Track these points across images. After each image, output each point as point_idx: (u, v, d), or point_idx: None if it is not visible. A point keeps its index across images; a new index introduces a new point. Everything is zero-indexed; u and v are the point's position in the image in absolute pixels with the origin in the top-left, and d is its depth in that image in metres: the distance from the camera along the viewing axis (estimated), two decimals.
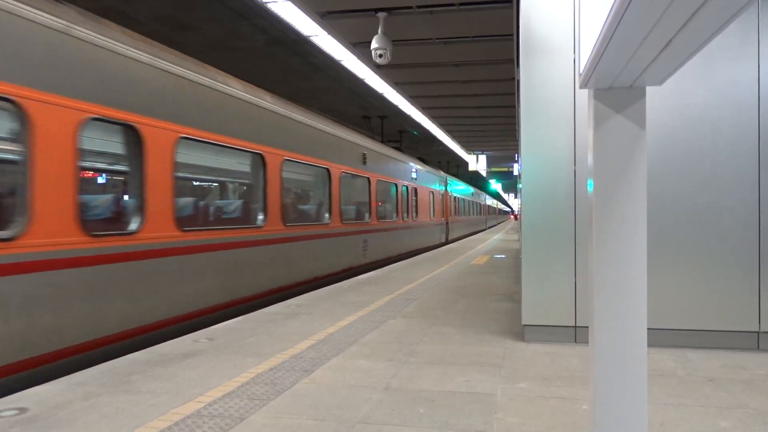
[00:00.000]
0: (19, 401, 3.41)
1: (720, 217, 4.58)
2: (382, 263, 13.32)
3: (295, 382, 3.81)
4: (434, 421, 3.09)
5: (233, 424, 3.06)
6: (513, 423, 3.06)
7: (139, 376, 3.94)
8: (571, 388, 3.64)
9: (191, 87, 6.11)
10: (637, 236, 1.89)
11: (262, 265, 7.57)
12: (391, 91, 14.77)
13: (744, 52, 4.51)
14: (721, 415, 3.16)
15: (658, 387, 3.65)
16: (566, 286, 4.85)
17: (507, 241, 22.28)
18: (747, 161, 4.54)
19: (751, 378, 3.85)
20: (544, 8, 4.85)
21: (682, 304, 4.64)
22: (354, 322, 5.85)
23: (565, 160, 4.84)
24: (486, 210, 45.48)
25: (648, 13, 1.25)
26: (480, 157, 29.35)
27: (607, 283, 1.91)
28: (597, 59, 1.63)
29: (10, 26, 4.03)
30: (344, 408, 3.32)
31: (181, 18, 10.09)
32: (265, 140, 7.74)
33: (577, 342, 4.85)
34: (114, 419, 3.13)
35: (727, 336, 4.61)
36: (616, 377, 1.91)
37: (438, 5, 8.96)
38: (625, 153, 1.89)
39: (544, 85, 4.87)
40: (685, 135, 4.62)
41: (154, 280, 5.42)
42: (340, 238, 10.54)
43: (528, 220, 4.96)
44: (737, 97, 4.54)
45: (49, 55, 4.32)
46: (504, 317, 6.07)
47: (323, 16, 9.17)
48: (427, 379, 3.86)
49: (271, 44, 11.52)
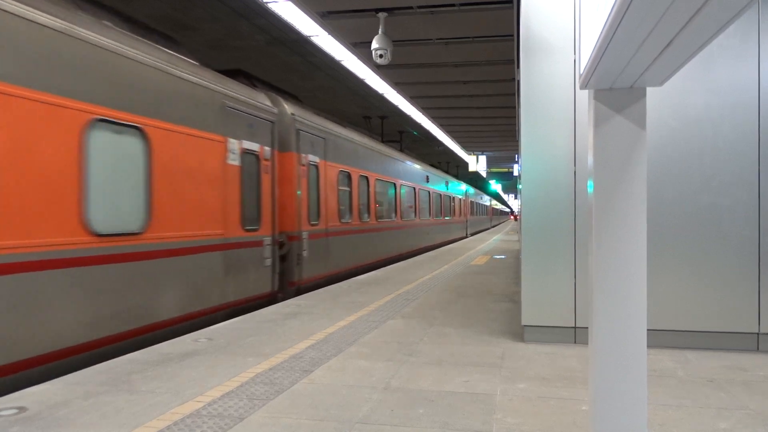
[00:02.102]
0: (19, 400, 3.41)
1: (720, 218, 4.58)
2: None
3: (294, 382, 3.81)
4: (434, 422, 3.09)
5: (232, 424, 3.06)
6: (512, 423, 3.06)
7: (139, 376, 3.93)
8: (571, 389, 3.64)
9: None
10: (637, 237, 1.89)
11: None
12: (392, 91, 14.77)
13: (744, 53, 4.51)
14: (721, 416, 3.16)
15: (657, 388, 3.65)
16: (566, 286, 4.85)
17: (507, 242, 22.27)
18: (747, 161, 4.54)
19: (750, 379, 3.84)
20: (544, 9, 4.85)
21: (682, 305, 4.64)
22: (354, 322, 5.85)
23: (565, 160, 4.84)
24: (491, 211, 52.69)
25: (648, 14, 1.25)
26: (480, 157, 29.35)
27: (607, 283, 1.91)
28: (597, 60, 1.63)
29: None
30: (344, 408, 3.31)
31: (181, 18, 10.09)
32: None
33: (576, 343, 4.85)
34: (113, 418, 3.13)
35: (727, 337, 4.61)
36: (616, 378, 1.91)
37: (438, 5, 8.96)
38: (625, 153, 1.89)
39: (545, 86, 4.87)
40: (685, 135, 4.62)
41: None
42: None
43: (528, 221, 4.96)
44: (737, 97, 4.54)
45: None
46: (504, 317, 6.07)
47: (323, 16, 9.18)
48: (427, 380, 3.86)
49: (271, 44, 11.52)
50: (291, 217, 8.38)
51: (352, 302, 7.12)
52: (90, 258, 4.64)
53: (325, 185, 9.72)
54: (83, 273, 4.58)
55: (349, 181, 11.18)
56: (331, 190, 10.04)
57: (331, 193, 10.08)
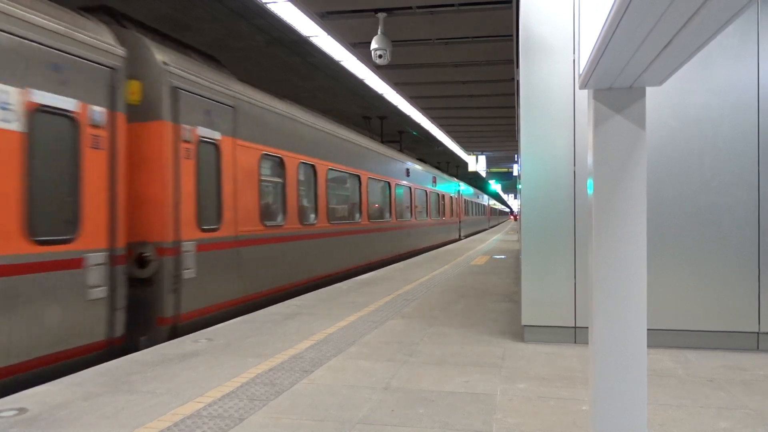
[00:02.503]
0: (19, 401, 3.41)
1: (720, 218, 4.58)
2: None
3: (294, 383, 3.81)
4: (434, 422, 3.09)
5: (233, 425, 3.06)
6: (512, 423, 3.06)
7: (139, 377, 3.93)
8: (571, 389, 3.64)
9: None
10: (637, 237, 1.89)
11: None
12: (391, 91, 14.77)
13: (743, 52, 4.51)
14: (721, 416, 3.16)
15: (657, 388, 3.65)
16: (566, 286, 4.85)
17: (506, 242, 22.27)
18: (747, 161, 4.54)
19: (750, 378, 3.84)
20: (543, 9, 4.85)
21: (682, 304, 4.64)
22: (354, 322, 5.85)
23: (565, 160, 4.84)
24: (489, 211, 47.89)
25: (647, 13, 1.25)
26: (480, 157, 29.37)
27: (607, 283, 1.91)
28: (597, 60, 1.63)
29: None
30: (344, 408, 3.31)
31: (181, 18, 10.09)
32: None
33: (576, 342, 4.85)
34: (114, 419, 3.13)
35: (727, 336, 4.61)
36: (616, 378, 1.91)
37: (438, 6, 8.97)
38: (625, 153, 1.89)
39: (544, 86, 4.87)
40: (685, 135, 4.62)
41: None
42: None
43: (528, 221, 4.96)
44: (737, 97, 4.54)
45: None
46: (504, 317, 6.07)
47: (323, 16, 9.18)
48: (427, 380, 3.86)
49: (270, 44, 11.52)
50: (160, 219, 5.66)
51: (352, 302, 7.12)
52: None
53: (235, 173, 6.94)
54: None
55: (282, 170, 8.27)
56: (246, 181, 7.20)
57: (248, 186, 7.24)
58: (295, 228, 8.63)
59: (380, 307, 6.79)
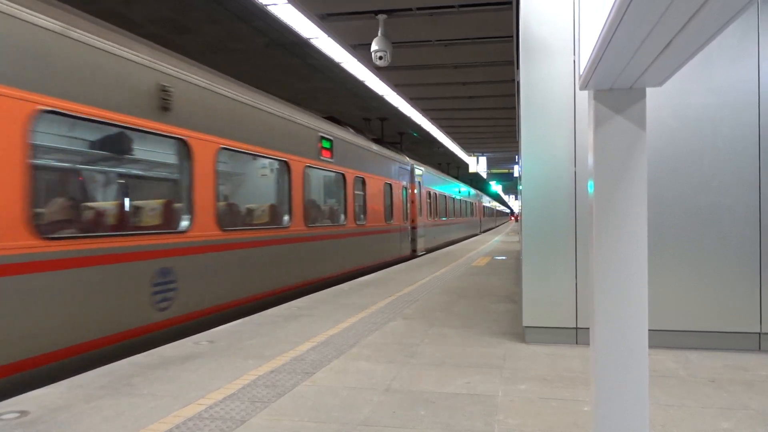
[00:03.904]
0: (20, 404, 3.41)
1: (720, 218, 4.58)
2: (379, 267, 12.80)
3: (296, 384, 3.81)
4: (435, 423, 3.09)
5: (234, 427, 3.06)
6: (514, 424, 3.06)
7: (140, 379, 3.93)
8: (573, 390, 3.63)
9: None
10: (638, 237, 1.89)
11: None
12: (392, 92, 14.78)
13: (743, 52, 4.51)
14: (723, 416, 3.16)
15: (659, 388, 3.65)
16: (567, 287, 4.84)
17: (507, 243, 22.27)
18: (747, 161, 4.54)
19: (752, 379, 3.84)
20: (543, 10, 4.85)
21: (683, 305, 4.64)
22: (355, 323, 5.85)
23: (566, 161, 4.84)
24: (480, 211, 37.19)
25: (648, 14, 1.25)
26: (480, 158, 29.38)
27: (607, 284, 1.91)
28: (597, 60, 1.63)
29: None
30: (345, 410, 3.31)
31: (180, 20, 10.10)
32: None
33: (578, 343, 4.85)
34: (115, 422, 3.13)
35: (729, 337, 4.60)
36: (618, 378, 1.91)
37: (438, 7, 8.98)
38: (625, 154, 1.89)
39: (544, 87, 4.87)
40: (685, 135, 4.62)
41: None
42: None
43: (528, 222, 4.96)
44: (737, 97, 4.54)
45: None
46: (505, 318, 6.06)
47: (323, 18, 9.18)
48: (428, 381, 3.85)
49: (270, 46, 11.53)
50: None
51: (353, 304, 7.12)
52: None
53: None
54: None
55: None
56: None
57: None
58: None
59: (381, 308, 6.79)
